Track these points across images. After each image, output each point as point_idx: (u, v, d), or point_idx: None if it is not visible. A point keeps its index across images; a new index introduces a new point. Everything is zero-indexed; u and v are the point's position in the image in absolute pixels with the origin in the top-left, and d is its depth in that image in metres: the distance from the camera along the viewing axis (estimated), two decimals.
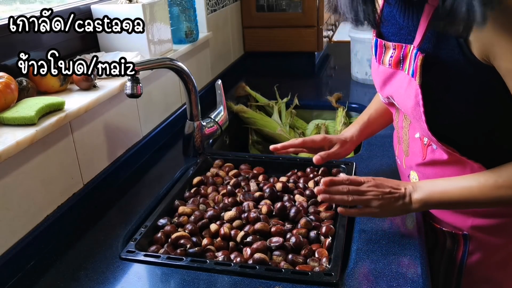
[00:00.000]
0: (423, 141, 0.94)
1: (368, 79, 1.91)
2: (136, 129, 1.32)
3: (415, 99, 0.83)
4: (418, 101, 0.82)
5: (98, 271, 0.88)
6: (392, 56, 0.88)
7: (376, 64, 0.96)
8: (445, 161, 0.91)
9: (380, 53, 0.93)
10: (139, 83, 1.08)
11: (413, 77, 0.83)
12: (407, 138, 0.99)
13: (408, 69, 0.85)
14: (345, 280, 0.82)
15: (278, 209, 1.02)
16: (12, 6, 1.25)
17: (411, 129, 0.97)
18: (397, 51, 0.87)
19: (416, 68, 0.81)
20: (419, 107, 0.83)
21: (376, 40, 0.93)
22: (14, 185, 0.89)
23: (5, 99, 0.93)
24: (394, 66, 0.89)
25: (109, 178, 1.17)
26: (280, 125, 1.70)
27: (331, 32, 2.50)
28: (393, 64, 0.89)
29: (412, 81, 0.83)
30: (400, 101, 0.90)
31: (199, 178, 1.18)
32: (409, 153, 1.00)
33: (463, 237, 0.96)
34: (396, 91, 0.90)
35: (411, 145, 0.98)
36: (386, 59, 0.91)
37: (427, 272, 0.84)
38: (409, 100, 0.85)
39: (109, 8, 1.30)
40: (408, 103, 0.85)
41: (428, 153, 0.93)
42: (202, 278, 0.84)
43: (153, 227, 0.99)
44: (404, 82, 0.86)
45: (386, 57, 0.91)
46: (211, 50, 1.86)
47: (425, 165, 0.95)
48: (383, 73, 0.93)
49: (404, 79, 0.86)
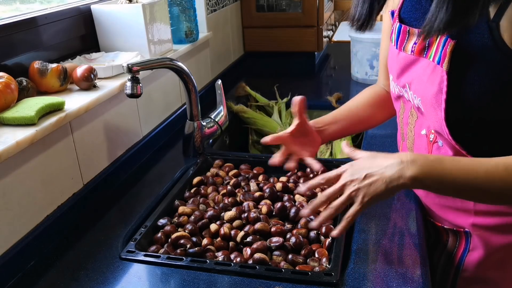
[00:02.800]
0: (429, 138, 0.93)
1: (368, 79, 1.91)
2: (136, 129, 1.32)
3: (438, 86, 0.82)
4: (442, 88, 0.81)
5: (98, 271, 0.88)
6: (416, 43, 0.87)
7: (395, 51, 0.94)
8: None
9: (402, 40, 0.91)
10: (139, 83, 1.08)
11: (439, 64, 0.81)
12: (412, 135, 0.98)
13: (433, 56, 0.83)
14: (345, 280, 0.82)
15: (278, 209, 1.02)
16: (12, 6, 1.25)
17: (417, 125, 0.96)
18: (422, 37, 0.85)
19: (444, 54, 0.80)
20: (441, 94, 0.81)
21: (400, 26, 0.92)
22: (14, 185, 0.89)
23: (5, 99, 0.93)
24: (417, 53, 0.87)
25: (109, 178, 1.17)
26: (280, 125, 1.70)
27: (331, 32, 2.50)
28: (416, 51, 0.87)
29: (438, 68, 0.82)
30: (419, 88, 0.87)
31: (199, 178, 1.18)
32: (414, 150, 0.99)
33: (465, 234, 0.96)
34: (417, 78, 0.88)
35: (416, 142, 0.97)
36: (409, 46, 0.89)
37: (427, 272, 0.84)
38: (431, 87, 0.83)
39: (109, 8, 1.30)
40: (430, 91, 0.84)
41: (433, 150, 0.92)
42: (202, 278, 0.84)
43: (153, 227, 0.99)
44: (427, 70, 0.85)
45: (409, 43, 0.89)
46: (211, 50, 1.86)
47: None
48: (403, 60, 0.91)
49: (427, 66, 0.85)
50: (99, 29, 1.32)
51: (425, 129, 0.93)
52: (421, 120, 0.93)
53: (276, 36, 2.16)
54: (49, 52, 1.17)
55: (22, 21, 1.08)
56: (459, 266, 0.99)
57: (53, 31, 1.17)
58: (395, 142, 1.32)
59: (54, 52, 1.20)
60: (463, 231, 0.96)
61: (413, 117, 0.97)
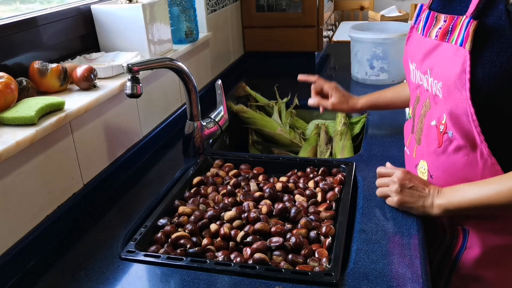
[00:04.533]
0: (439, 129, 0.95)
1: (368, 79, 1.91)
2: (136, 129, 1.32)
3: (461, 66, 0.85)
4: (465, 68, 0.84)
5: (98, 271, 0.88)
6: (441, 28, 0.91)
7: (420, 37, 0.99)
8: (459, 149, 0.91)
9: (429, 26, 0.96)
10: (139, 83, 1.08)
11: (462, 45, 0.85)
12: (422, 126, 1.00)
13: (456, 39, 0.87)
14: (345, 280, 0.82)
15: (278, 209, 1.02)
16: (12, 6, 1.25)
17: (428, 116, 0.98)
18: (447, 23, 0.90)
19: (467, 35, 0.84)
20: (465, 74, 0.84)
21: (429, 12, 0.97)
22: (14, 185, 0.89)
23: (5, 99, 0.93)
24: (440, 37, 0.91)
25: (109, 178, 1.17)
26: (280, 125, 1.70)
27: (331, 32, 2.50)
28: (439, 36, 0.92)
29: (460, 49, 0.86)
30: (441, 72, 0.90)
31: (199, 178, 1.18)
32: (422, 142, 1.01)
33: (463, 231, 0.98)
34: (439, 61, 0.91)
35: (425, 133, 0.99)
36: (434, 31, 0.94)
37: (427, 272, 0.84)
38: (454, 69, 0.87)
39: (109, 8, 1.30)
40: (452, 73, 0.87)
41: (443, 141, 0.94)
42: (202, 278, 0.84)
43: (153, 227, 0.99)
44: (449, 53, 0.88)
45: (435, 29, 0.94)
46: (211, 50, 1.86)
47: (438, 153, 0.96)
48: (427, 46, 0.95)
49: (449, 49, 0.89)
50: (99, 29, 1.32)
51: (435, 120, 0.95)
52: (433, 111, 0.95)
53: (276, 36, 2.16)
54: (49, 52, 1.17)
55: (22, 21, 1.08)
56: (455, 263, 1.00)
57: (53, 31, 1.17)
58: (395, 142, 1.33)
59: (54, 52, 1.20)
60: (462, 228, 0.98)
61: (426, 108, 0.99)
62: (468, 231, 0.97)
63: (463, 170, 0.92)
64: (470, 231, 0.97)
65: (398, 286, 0.80)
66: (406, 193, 0.97)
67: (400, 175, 0.98)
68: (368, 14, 3.70)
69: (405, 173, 0.98)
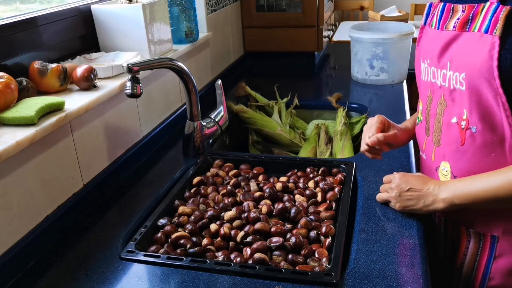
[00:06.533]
0: (460, 126, 0.91)
1: (368, 79, 1.91)
2: (136, 129, 1.32)
3: (488, 53, 0.83)
4: (493, 55, 0.82)
5: (98, 271, 0.88)
6: (459, 18, 0.90)
7: (435, 32, 0.96)
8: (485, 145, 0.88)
9: (446, 18, 0.94)
10: (139, 83, 1.08)
11: (488, 32, 0.83)
12: (440, 126, 0.96)
13: (479, 27, 0.85)
14: (345, 280, 0.82)
15: (278, 209, 1.02)
16: (12, 6, 1.24)
17: (446, 114, 0.94)
18: (465, 12, 0.88)
19: (495, 21, 0.82)
20: (492, 61, 0.82)
21: (444, 5, 0.95)
22: (14, 185, 0.89)
23: (5, 99, 0.93)
24: (459, 28, 0.89)
25: (109, 178, 1.17)
26: (280, 125, 1.70)
27: (331, 32, 2.50)
28: (458, 27, 0.90)
29: (485, 36, 0.84)
30: (464, 62, 0.87)
31: (199, 178, 1.18)
32: (441, 142, 0.97)
33: (491, 238, 0.94)
34: (460, 52, 0.89)
35: (445, 132, 0.95)
36: (451, 23, 0.92)
37: (427, 272, 0.84)
38: (479, 56, 0.84)
39: (109, 8, 1.30)
40: (478, 60, 0.84)
41: (466, 138, 0.90)
42: (202, 278, 0.84)
43: (153, 227, 0.99)
44: (471, 41, 0.86)
45: (452, 20, 0.92)
46: (211, 50, 1.86)
47: (461, 152, 0.92)
48: (444, 38, 0.93)
49: (471, 38, 0.87)
50: (99, 29, 1.32)
51: (456, 117, 0.91)
52: (452, 108, 0.92)
53: (276, 36, 2.16)
54: (49, 52, 1.17)
55: (22, 21, 1.08)
56: (485, 274, 0.97)
57: (53, 31, 1.17)
58: None
59: (54, 52, 1.20)
60: (490, 235, 0.94)
61: (441, 107, 0.95)
62: (498, 239, 0.93)
63: (490, 166, 0.88)
64: (501, 238, 0.93)
65: (398, 286, 0.80)
66: (405, 197, 0.97)
67: (397, 180, 0.99)
68: (368, 14, 3.70)
69: (401, 177, 0.99)
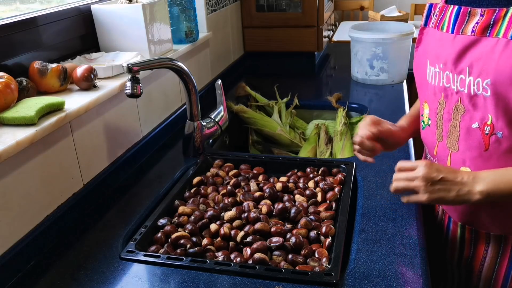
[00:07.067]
0: (483, 131, 0.88)
1: (368, 79, 1.91)
2: (136, 129, 1.32)
3: None
4: None
5: (98, 271, 0.88)
6: (478, 22, 0.86)
7: (449, 36, 0.92)
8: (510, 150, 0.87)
9: (461, 22, 0.90)
10: (139, 83, 1.08)
11: None
12: (458, 131, 0.93)
13: (504, 32, 0.82)
14: (345, 280, 0.82)
15: (278, 209, 1.02)
16: (12, 6, 1.24)
17: (465, 120, 0.91)
18: (485, 16, 0.85)
19: None
20: None
21: (459, 8, 0.90)
22: (14, 185, 0.89)
23: (5, 99, 0.93)
24: (479, 33, 0.86)
25: (109, 178, 1.17)
26: (280, 125, 1.70)
27: (331, 32, 2.50)
28: (477, 31, 0.86)
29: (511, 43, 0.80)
30: (489, 68, 0.84)
31: (199, 178, 1.18)
32: (460, 147, 0.94)
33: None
34: (482, 58, 0.85)
35: (464, 138, 0.92)
36: (469, 27, 0.88)
37: (427, 272, 0.84)
38: (506, 63, 0.81)
39: (109, 8, 1.30)
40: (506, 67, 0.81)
41: (491, 143, 0.88)
42: (202, 278, 0.84)
43: (153, 227, 0.99)
44: (497, 48, 0.83)
45: (470, 25, 0.88)
46: (211, 50, 1.86)
47: (485, 157, 0.90)
48: (460, 43, 0.89)
49: (495, 44, 0.83)
50: (99, 29, 1.32)
51: (478, 122, 0.89)
52: (472, 113, 0.89)
53: (276, 36, 2.16)
54: (49, 52, 1.17)
55: (22, 21, 1.08)
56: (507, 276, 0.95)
57: (53, 31, 1.17)
58: None
59: (54, 52, 1.20)
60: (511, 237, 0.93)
61: (458, 112, 0.92)
62: None
63: None
64: None
65: (398, 286, 0.80)
66: (436, 187, 0.86)
67: (425, 169, 0.86)
68: (368, 14, 3.70)
69: (429, 165, 0.87)
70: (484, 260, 0.98)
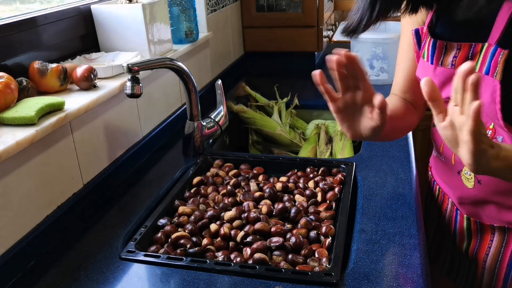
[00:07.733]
0: None
1: None
2: (136, 129, 1.32)
3: (491, 96, 0.81)
4: (495, 99, 0.80)
5: (98, 271, 0.88)
6: (456, 56, 0.87)
7: (430, 66, 0.92)
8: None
9: (438, 55, 0.90)
10: (139, 83, 1.08)
11: (489, 74, 0.81)
12: None
13: (479, 68, 0.83)
14: (345, 280, 0.82)
15: (278, 209, 1.02)
16: (12, 6, 1.24)
17: None
18: (462, 50, 0.85)
19: (494, 64, 0.80)
20: (494, 104, 0.80)
21: (435, 41, 0.90)
22: (14, 185, 0.89)
23: (5, 99, 0.93)
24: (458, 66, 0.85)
25: (109, 178, 1.17)
26: (280, 125, 1.70)
27: (331, 32, 2.49)
28: (457, 65, 0.87)
29: (487, 78, 0.81)
30: None
31: (199, 178, 1.18)
32: None
33: None
34: None
35: None
36: (448, 60, 0.88)
37: (427, 272, 0.84)
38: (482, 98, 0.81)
39: (109, 8, 1.30)
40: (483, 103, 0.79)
41: None
42: (202, 278, 0.84)
43: (153, 227, 0.99)
44: None
45: (448, 58, 0.88)
46: (211, 50, 1.86)
47: None
48: (441, 75, 0.90)
49: None
50: (99, 29, 1.32)
51: None
52: None
53: (276, 36, 2.16)
54: (49, 52, 1.17)
55: (22, 21, 1.08)
56: (510, 265, 0.96)
57: (53, 31, 1.17)
58: (395, 142, 1.32)
59: (54, 52, 1.20)
60: None
61: None
62: None
63: None
64: None
65: (398, 286, 0.80)
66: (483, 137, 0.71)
67: None
68: None
69: None
70: (489, 250, 1.00)
